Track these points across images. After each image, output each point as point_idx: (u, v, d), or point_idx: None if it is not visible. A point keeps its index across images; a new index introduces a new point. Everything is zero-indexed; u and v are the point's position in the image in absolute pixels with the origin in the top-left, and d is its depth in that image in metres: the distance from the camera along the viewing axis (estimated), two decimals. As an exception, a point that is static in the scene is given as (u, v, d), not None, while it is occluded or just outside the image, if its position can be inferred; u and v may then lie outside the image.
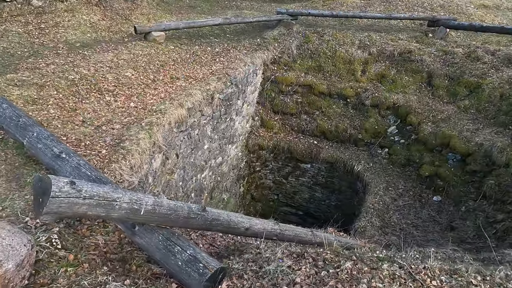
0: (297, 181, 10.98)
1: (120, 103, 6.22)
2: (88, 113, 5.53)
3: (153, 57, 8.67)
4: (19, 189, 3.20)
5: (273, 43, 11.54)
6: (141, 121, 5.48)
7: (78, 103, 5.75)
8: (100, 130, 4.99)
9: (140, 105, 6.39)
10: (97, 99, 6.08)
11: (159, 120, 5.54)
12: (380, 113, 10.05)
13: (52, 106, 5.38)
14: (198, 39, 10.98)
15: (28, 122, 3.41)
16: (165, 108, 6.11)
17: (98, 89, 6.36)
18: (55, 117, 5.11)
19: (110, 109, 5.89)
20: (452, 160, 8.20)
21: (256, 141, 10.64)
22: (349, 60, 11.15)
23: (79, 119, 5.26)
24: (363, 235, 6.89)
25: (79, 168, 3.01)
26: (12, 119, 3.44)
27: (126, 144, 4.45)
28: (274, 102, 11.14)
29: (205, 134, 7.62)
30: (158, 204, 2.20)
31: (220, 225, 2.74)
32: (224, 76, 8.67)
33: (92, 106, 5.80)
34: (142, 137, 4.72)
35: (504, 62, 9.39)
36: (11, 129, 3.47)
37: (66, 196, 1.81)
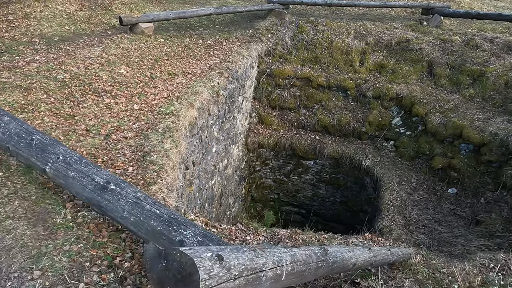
0: (299, 179, 10.50)
1: (122, 105, 5.36)
2: (90, 120, 4.65)
3: (145, 51, 7.75)
4: (50, 236, 2.35)
5: (266, 34, 10.89)
6: (155, 126, 4.68)
7: (74, 107, 4.83)
8: (112, 141, 4.16)
9: (145, 106, 5.55)
10: (95, 101, 5.17)
11: (175, 124, 4.77)
12: (383, 105, 9.75)
13: (45, 113, 4.45)
14: (187, 31, 10.10)
15: (45, 140, 2.52)
16: (176, 110, 5.32)
17: (94, 89, 5.44)
18: (53, 126, 4.19)
19: (113, 113, 5.03)
20: (464, 150, 8.03)
21: (255, 139, 10.00)
22: (346, 51, 10.74)
23: (82, 128, 4.38)
24: (390, 235, 6.52)
25: (141, 204, 2.19)
26: (21, 137, 2.54)
27: (154, 157, 3.68)
28: (271, 96, 10.53)
29: (212, 135, 6.89)
30: (294, 259, 1.55)
31: (337, 268, 2.11)
32: (226, 70, 7.93)
33: (92, 110, 4.91)
34: (169, 147, 3.95)
35: (503, 49, 9.36)
36: (22, 151, 2.56)
37: (217, 284, 1.09)
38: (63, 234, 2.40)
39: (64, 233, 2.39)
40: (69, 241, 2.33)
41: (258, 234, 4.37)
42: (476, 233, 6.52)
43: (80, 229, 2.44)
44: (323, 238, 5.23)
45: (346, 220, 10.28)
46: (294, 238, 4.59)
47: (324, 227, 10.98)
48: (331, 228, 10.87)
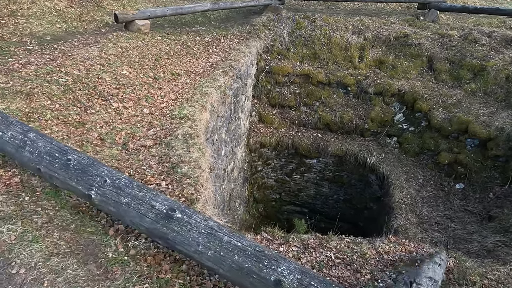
0: (302, 178, 10.33)
1: (131, 110, 4.99)
2: (101, 127, 4.28)
3: (144, 50, 7.34)
4: (107, 275, 1.96)
5: (264, 30, 10.61)
6: (173, 132, 4.36)
7: (82, 114, 4.45)
8: (131, 150, 3.82)
9: (155, 110, 5.21)
10: (102, 107, 4.79)
11: (194, 130, 4.46)
12: (385, 101, 9.68)
13: (52, 121, 4.05)
14: (183, 28, 9.70)
15: (83, 159, 2.15)
16: (190, 114, 5.01)
17: (99, 93, 5.04)
18: (64, 136, 3.81)
19: (124, 119, 4.67)
20: (470, 146, 8.05)
21: (257, 139, 9.75)
22: (345, 47, 10.61)
23: (95, 137, 4.02)
24: (407, 235, 6.43)
25: (216, 235, 1.83)
26: (54, 156, 2.17)
27: (185, 169, 3.37)
28: (271, 94, 10.29)
29: (221, 138, 6.60)
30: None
31: None
32: (230, 69, 7.63)
33: (101, 116, 4.53)
34: (197, 157, 3.65)
35: (502, 43, 9.43)
36: (57, 174, 2.18)
37: None
38: (120, 271, 2.06)
39: (121, 270, 2.05)
40: (131, 281, 1.98)
41: (289, 244, 4.16)
42: (490, 229, 6.53)
43: (137, 264, 2.10)
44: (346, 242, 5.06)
45: (350, 218, 10.21)
46: (324, 245, 4.40)
47: (327, 226, 10.90)
48: (333, 226, 10.80)
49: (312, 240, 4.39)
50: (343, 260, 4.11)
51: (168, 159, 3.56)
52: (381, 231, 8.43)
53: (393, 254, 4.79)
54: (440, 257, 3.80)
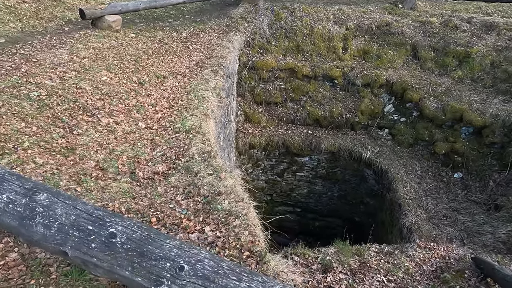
0: (293, 177, 9.89)
1: (125, 125, 4.18)
2: (96, 152, 3.46)
3: (120, 50, 6.41)
4: None
5: (243, 23, 9.90)
6: (185, 152, 3.64)
7: (68, 136, 3.58)
8: (144, 182, 3.07)
9: (152, 123, 4.42)
10: (90, 124, 3.93)
11: (208, 146, 3.77)
12: (373, 92, 9.43)
13: (33, 150, 3.17)
14: (156, 23, 8.75)
15: (135, 230, 1.35)
16: (195, 125, 4.29)
17: (83, 107, 4.16)
18: (53, 170, 2.97)
19: (120, 138, 3.86)
20: (465, 134, 8.02)
21: (245, 140, 9.12)
22: (328, 37, 10.20)
23: (92, 166, 3.21)
24: (421, 233, 6.20)
25: None
26: (86, 230, 1.31)
27: (226, 204, 2.67)
28: (255, 91, 9.67)
29: (220, 146, 5.91)
30: None
31: None
32: (219, 68, 6.91)
33: (92, 137, 3.69)
34: (232, 184, 2.98)
35: (482, 29, 9.51)
36: (97, 259, 1.35)
37: None
38: None
39: None
40: None
41: (334, 270, 3.65)
42: (500, 219, 6.48)
43: None
44: (379, 254, 4.67)
45: (344, 213, 9.97)
46: (367, 265, 3.95)
47: (321, 223, 10.62)
48: (329, 223, 10.55)
49: (353, 261, 3.92)
50: (396, 282, 3.69)
51: (197, 190, 2.87)
52: (382, 227, 8.24)
53: (430, 263, 4.46)
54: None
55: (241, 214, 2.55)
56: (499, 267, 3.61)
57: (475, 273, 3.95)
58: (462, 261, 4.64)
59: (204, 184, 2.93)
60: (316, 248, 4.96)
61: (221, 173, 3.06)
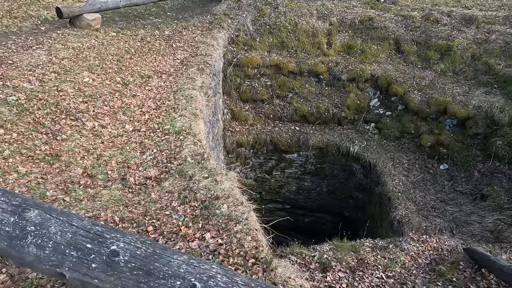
0: (282, 174, 9.86)
1: (111, 128, 4.00)
2: (83, 158, 3.29)
3: (101, 50, 6.17)
4: None
5: (226, 20, 9.77)
6: (177, 154, 3.52)
7: (52, 142, 3.40)
8: (136, 188, 2.93)
9: (140, 125, 4.26)
10: (75, 129, 3.75)
11: (200, 147, 3.66)
12: (359, 87, 9.48)
13: (15, 158, 2.98)
14: (137, 21, 8.51)
15: (139, 246, 1.19)
16: (185, 126, 4.16)
17: (66, 111, 3.96)
18: (38, 180, 2.80)
19: (107, 142, 3.69)
20: (449, 126, 8.17)
21: (233, 139, 9.00)
22: (312, 33, 10.18)
23: (79, 173, 3.05)
24: (412, 226, 6.28)
25: None
26: (84, 249, 1.12)
27: (225, 208, 2.54)
28: (241, 89, 9.56)
29: (210, 145, 5.79)
30: None
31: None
32: (205, 66, 6.77)
33: (78, 143, 3.51)
34: (231, 187, 2.87)
35: (462, 22, 9.69)
36: (99, 281, 1.13)
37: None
38: None
39: None
40: None
41: (333, 269, 3.61)
42: (486, 208, 6.63)
43: None
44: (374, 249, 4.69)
45: (334, 208, 10.02)
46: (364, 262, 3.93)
47: (311, 219, 10.64)
48: (318, 219, 10.58)
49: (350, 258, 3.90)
50: (394, 278, 3.69)
51: (193, 195, 2.75)
52: (372, 220, 8.32)
53: (424, 256, 4.50)
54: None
55: (241, 218, 2.46)
56: (495, 258, 3.66)
57: (469, 264, 4.02)
58: (454, 252, 4.71)
59: (200, 188, 2.82)
60: (311, 246, 4.94)
61: (217, 176, 2.95)
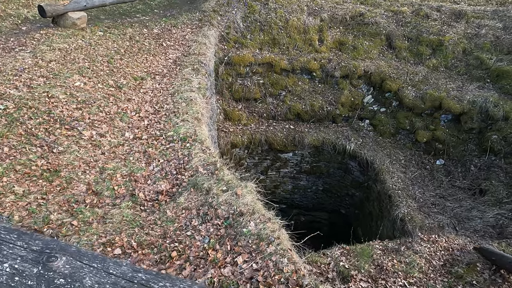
0: (277, 174, 9.70)
1: (110, 137, 3.72)
2: (85, 172, 3.01)
3: (90, 51, 5.80)
4: None
5: (216, 17, 9.49)
6: (186, 164, 3.28)
7: (49, 156, 3.09)
8: (148, 205, 2.68)
9: (140, 133, 3.98)
10: (71, 139, 3.44)
11: (211, 155, 3.43)
12: (352, 83, 9.40)
13: (10, 177, 2.67)
14: (123, 19, 8.12)
15: None
16: (190, 132, 3.91)
17: (59, 119, 3.64)
18: (39, 201, 2.51)
19: (108, 153, 3.41)
20: (444, 121, 8.19)
21: (227, 139, 8.76)
22: (303, 29, 10.02)
23: (83, 190, 2.77)
24: (415, 223, 6.23)
25: None
26: None
27: (252, 226, 2.32)
28: (233, 88, 9.31)
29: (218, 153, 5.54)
30: None
31: None
32: (200, 65, 6.50)
33: (77, 155, 3.22)
34: (253, 200, 2.66)
35: (452, 17, 9.74)
36: None
37: None
38: None
39: None
40: None
41: (355, 279, 3.46)
42: (485, 203, 6.67)
43: None
44: (384, 250, 4.59)
45: (330, 206, 9.96)
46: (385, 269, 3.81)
47: (307, 218, 10.55)
48: (315, 218, 10.50)
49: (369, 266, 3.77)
50: (416, 284, 3.58)
51: (214, 212, 2.53)
52: (370, 217, 8.28)
53: (437, 257, 4.43)
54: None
55: (272, 237, 2.24)
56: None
57: (486, 266, 3.97)
58: (465, 251, 4.66)
59: (220, 203, 2.59)
60: (321, 251, 4.80)
61: (237, 189, 2.74)
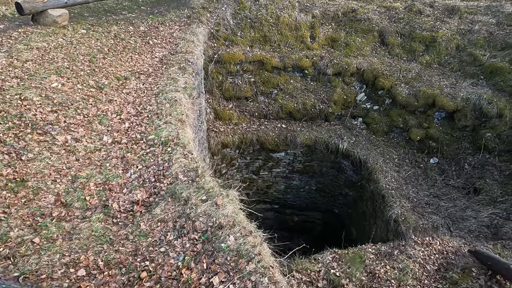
0: (270, 174, 9.54)
1: (87, 141, 3.51)
2: (55, 181, 2.81)
3: (70, 50, 5.57)
4: None
5: (205, 14, 9.27)
6: (167, 170, 3.09)
7: (16, 164, 2.88)
8: (121, 216, 2.48)
9: (119, 136, 3.78)
10: (43, 145, 3.24)
11: (193, 160, 3.24)
12: (345, 81, 9.24)
13: (-30, 188, 2.46)
14: (108, 16, 7.87)
15: None
16: (172, 135, 3.72)
17: (31, 124, 3.43)
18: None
19: (84, 160, 3.21)
20: (437, 119, 8.07)
21: (218, 139, 8.56)
22: (295, 26, 9.83)
23: (52, 202, 2.57)
24: (408, 224, 6.10)
25: None
26: None
27: (231, 240, 2.13)
28: (224, 86, 9.10)
29: (201, 157, 5.35)
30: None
31: None
32: (187, 64, 6.29)
33: (48, 162, 3.01)
34: (234, 211, 2.48)
35: (445, 13, 9.61)
36: None
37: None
38: None
39: None
40: None
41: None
42: (480, 202, 6.56)
43: None
44: (377, 255, 4.45)
45: (323, 206, 9.82)
46: (376, 275, 3.67)
47: (300, 218, 10.41)
48: (308, 217, 10.36)
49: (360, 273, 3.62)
50: (410, 293, 3.44)
51: (192, 224, 2.34)
52: (363, 217, 8.15)
53: (432, 261, 4.29)
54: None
55: (253, 254, 2.06)
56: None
57: (482, 271, 3.84)
58: (459, 254, 4.53)
59: (199, 214, 2.40)
60: (312, 257, 4.64)
61: (217, 198, 2.55)
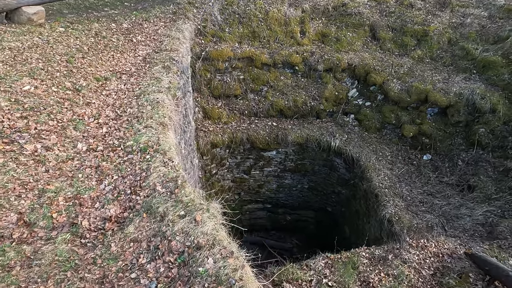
0: (261, 173, 9.34)
1: (59, 150, 3.26)
2: (19, 197, 2.56)
3: (46, 49, 5.27)
4: None
5: (191, 9, 8.98)
6: (144, 181, 2.86)
7: (-24, 178, 2.63)
8: (92, 238, 2.25)
9: (95, 143, 3.53)
10: (9, 155, 2.98)
11: (173, 169, 3.02)
12: (336, 77, 9.05)
13: None
14: (89, 13, 7.54)
15: None
16: (152, 140, 3.49)
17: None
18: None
19: (54, 171, 2.97)
20: (430, 114, 7.93)
21: (207, 139, 8.32)
22: (284, 21, 9.59)
23: (13, 222, 2.33)
24: (402, 224, 5.96)
25: None
26: None
27: (210, 263, 1.86)
28: (212, 84, 8.85)
29: (182, 154, 5.12)
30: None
31: None
32: (171, 63, 6.03)
33: (12, 175, 2.77)
34: (214, 228, 2.25)
35: (436, 6, 9.45)
36: None
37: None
38: None
39: None
40: None
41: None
42: (474, 200, 6.45)
43: None
44: (371, 258, 4.29)
45: (316, 205, 9.67)
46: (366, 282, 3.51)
47: (293, 217, 10.25)
48: (300, 216, 10.21)
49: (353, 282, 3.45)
50: (405, 303, 3.28)
51: (167, 244, 2.12)
52: (356, 215, 8.01)
53: (427, 266, 4.14)
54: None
55: (233, 279, 1.85)
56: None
57: (479, 276, 3.70)
58: (455, 256, 4.39)
59: (176, 232, 2.18)
60: (304, 263, 4.46)
61: (196, 214, 2.34)
